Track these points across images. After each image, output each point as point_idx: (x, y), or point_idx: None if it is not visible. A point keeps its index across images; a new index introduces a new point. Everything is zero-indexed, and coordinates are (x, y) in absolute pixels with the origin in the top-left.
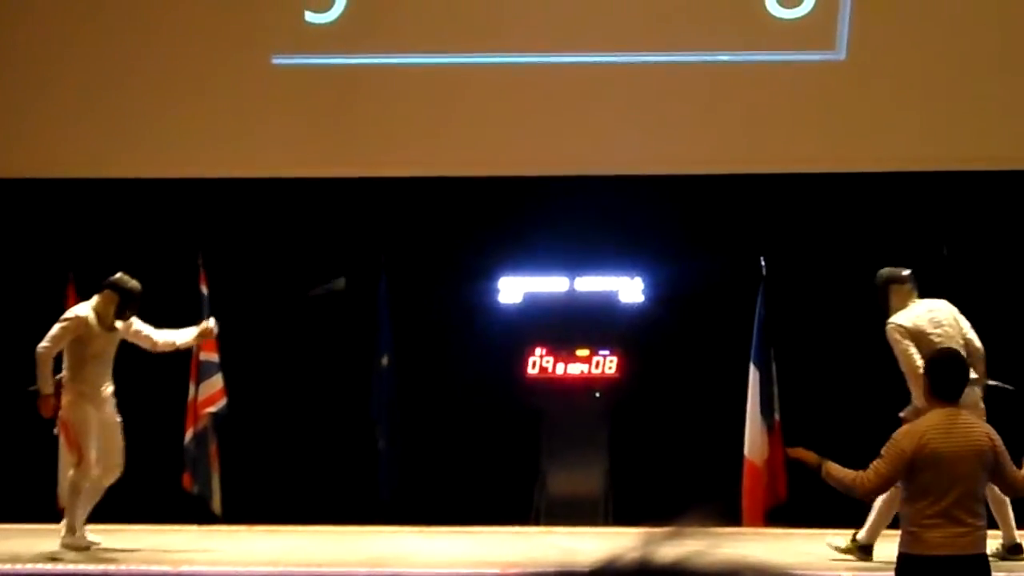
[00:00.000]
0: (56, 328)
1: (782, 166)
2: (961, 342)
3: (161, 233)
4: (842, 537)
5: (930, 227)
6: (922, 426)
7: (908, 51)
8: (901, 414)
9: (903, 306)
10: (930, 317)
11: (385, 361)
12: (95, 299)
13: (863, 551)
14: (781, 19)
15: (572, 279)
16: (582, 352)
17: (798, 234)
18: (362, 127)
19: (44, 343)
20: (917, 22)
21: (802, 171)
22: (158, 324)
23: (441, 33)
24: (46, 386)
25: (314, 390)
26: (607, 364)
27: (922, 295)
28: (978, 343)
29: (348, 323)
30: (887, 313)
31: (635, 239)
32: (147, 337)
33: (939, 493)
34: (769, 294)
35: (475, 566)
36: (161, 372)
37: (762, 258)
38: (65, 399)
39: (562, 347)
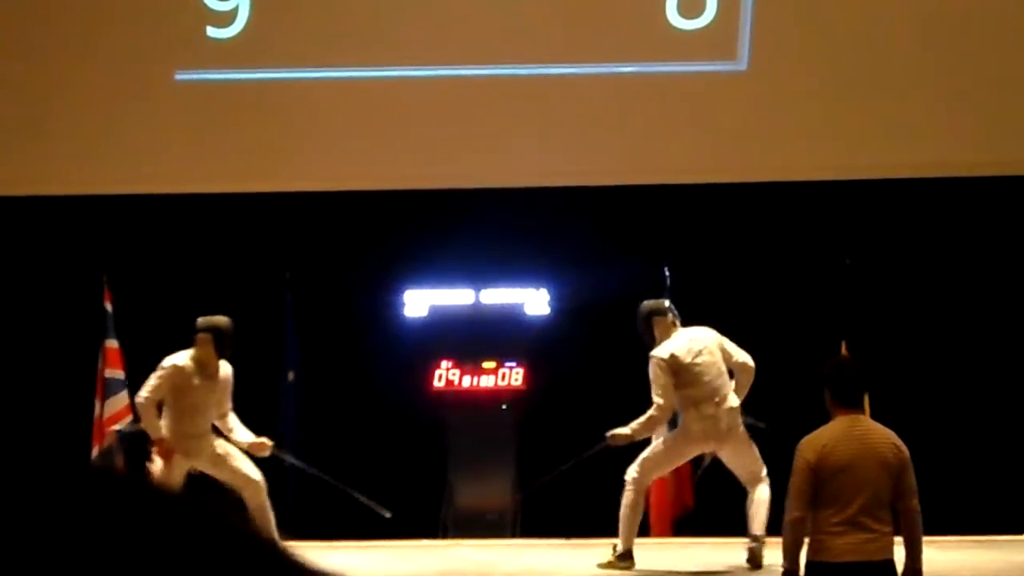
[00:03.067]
0: (153, 378)
1: (686, 176)
2: (724, 367)
3: (64, 250)
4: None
5: (833, 237)
6: (824, 435)
7: (809, 61)
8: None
9: (665, 337)
10: (689, 347)
11: (291, 376)
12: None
13: (622, 558)
14: (682, 30)
15: (477, 291)
16: (488, 364)
17: (702, 243)
18: (266, 141)
19: (143, 394)
20: (817, 32)
21: (706, 181)
22: (61, 342)
23: (343, 46)
24: (155, 432)
25: None
26: (513, 376)
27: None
28: (751, 363)
29: (254, 338)
30: (650, 345)
31: (540, 250)
32: (225, 402)
33: (844, 501)
34: (674, 303)
35: None
36: (66, 389)
37: (666, 268)
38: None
39: (468, 360)
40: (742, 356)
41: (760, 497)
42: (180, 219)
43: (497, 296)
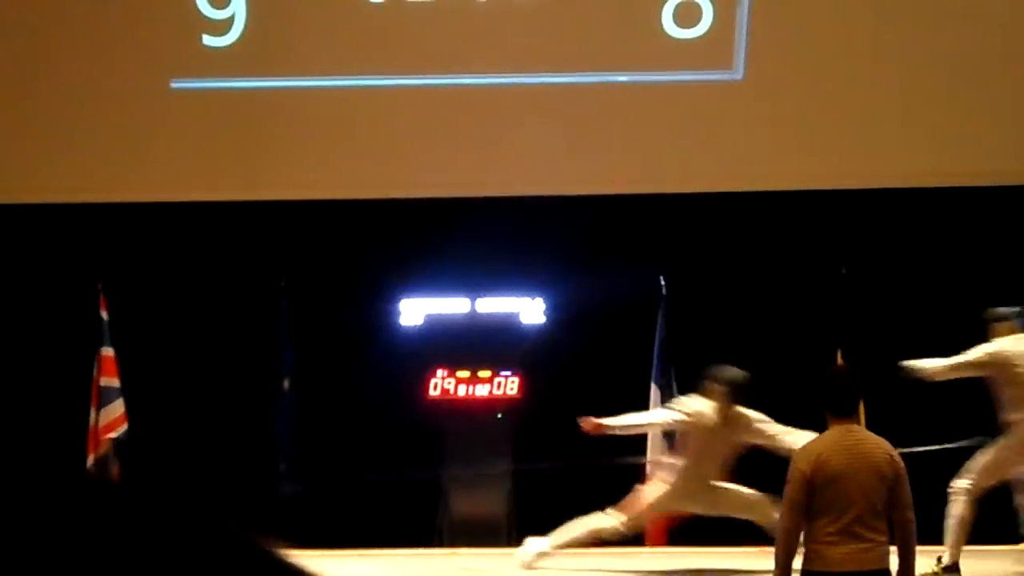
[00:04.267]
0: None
1: (681, 185)
2: None
3: (59, 258)
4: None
5: (828, 246)
6: (818, 445)
7: (804, 70)
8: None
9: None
10: (1020, 351)
11: (287, 384)
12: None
13: (949, 571)
14: (678, 39)
15: (473, 300)
16: (484, 373)
17: (698, 253)
18: (262, 150)
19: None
20: (812, 42)
21: (701, 190)
22: (56, 350)
23: (339, 56)
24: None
25: (216, 413)
26: (508, 385)
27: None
28: None
29: (250, 346)
30: None
31: (536, 260)
32: (769, 435)
33: (839, 510)
34: (670, 313)
35: None
36: (61, 398)
37: (662, 277)
38: (661, 473)
39: (463, 369)
40: None
41: None
42: (175, 227)
43: (493, 305)
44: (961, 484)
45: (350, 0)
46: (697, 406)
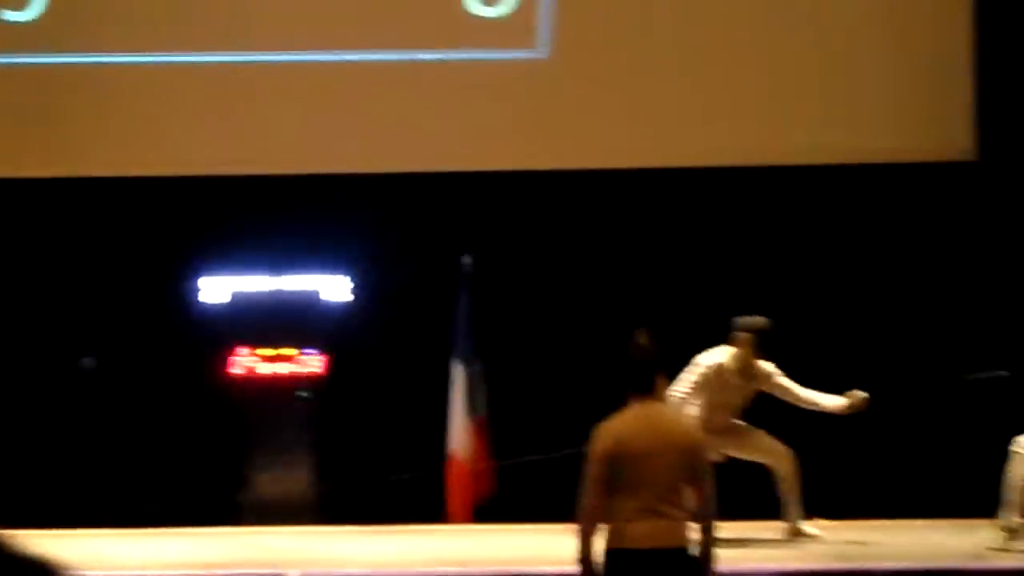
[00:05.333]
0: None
1: (487, 164)
2: None
3: None
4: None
5: (643, 224)
6: (617, 423)
7: (611, 50)
8: None
9: None
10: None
11: (88, 363)
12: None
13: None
14: (480, 17)
15: (277, 277)
16: (287, 351)
17: (504, 231)
18: (66, 127)
19: (682, 390)
20: (619, 21)
21: (508, 169)
22: None
23: (147, 32)
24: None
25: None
26: (313, 363)
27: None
28: None
29: (51, 324)
30: None
31: (341, 237)
32: (788, 390)
33: (640, 487)
34: (477, 292)
35: (170, 568)
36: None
37: (465, 256)
38: None
39: (266, 346)
40: None
41: None
42: None
43: (297, 283)
44: None
45: None
46: (716, 357)
